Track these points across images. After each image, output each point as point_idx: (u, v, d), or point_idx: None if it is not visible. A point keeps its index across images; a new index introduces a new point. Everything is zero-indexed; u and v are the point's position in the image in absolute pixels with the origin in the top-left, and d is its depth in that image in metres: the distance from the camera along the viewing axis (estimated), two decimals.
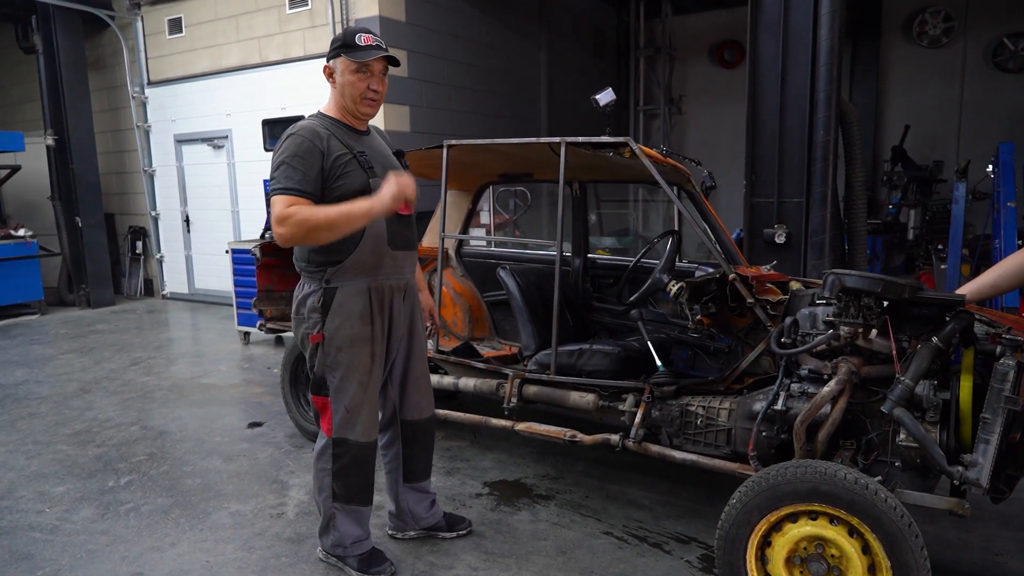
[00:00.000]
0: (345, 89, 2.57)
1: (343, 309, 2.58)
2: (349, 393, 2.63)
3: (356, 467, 2.71)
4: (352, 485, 2.72)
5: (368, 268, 2.61)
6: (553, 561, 2.96)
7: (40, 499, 3.62)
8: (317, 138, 2.49)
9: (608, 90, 3.40)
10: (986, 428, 2.24)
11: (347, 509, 2.76)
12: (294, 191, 2.42)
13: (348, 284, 2.59)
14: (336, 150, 2.52)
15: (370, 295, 2.62)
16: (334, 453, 2.68)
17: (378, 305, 2.65)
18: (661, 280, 3.32)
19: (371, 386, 2.68)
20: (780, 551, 2.32)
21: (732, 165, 9.51)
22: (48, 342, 7.43)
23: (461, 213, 4.83)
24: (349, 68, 2.54)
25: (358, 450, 2.69)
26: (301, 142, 2.48)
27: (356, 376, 2.62)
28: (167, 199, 9.90)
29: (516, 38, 10.08)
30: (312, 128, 2.52)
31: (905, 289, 2.41)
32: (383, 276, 2.65)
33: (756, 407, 2.82)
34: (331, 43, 2.61)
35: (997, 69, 10.43)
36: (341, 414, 2.65)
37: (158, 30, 9.40)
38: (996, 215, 5.80)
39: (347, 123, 2.63)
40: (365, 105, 2.60)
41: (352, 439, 2.67)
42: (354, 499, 2.75)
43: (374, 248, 2.60)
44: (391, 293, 2.69)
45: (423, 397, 2.95)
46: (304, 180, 2.44)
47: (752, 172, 4.81)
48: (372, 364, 2.66)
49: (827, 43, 4.48)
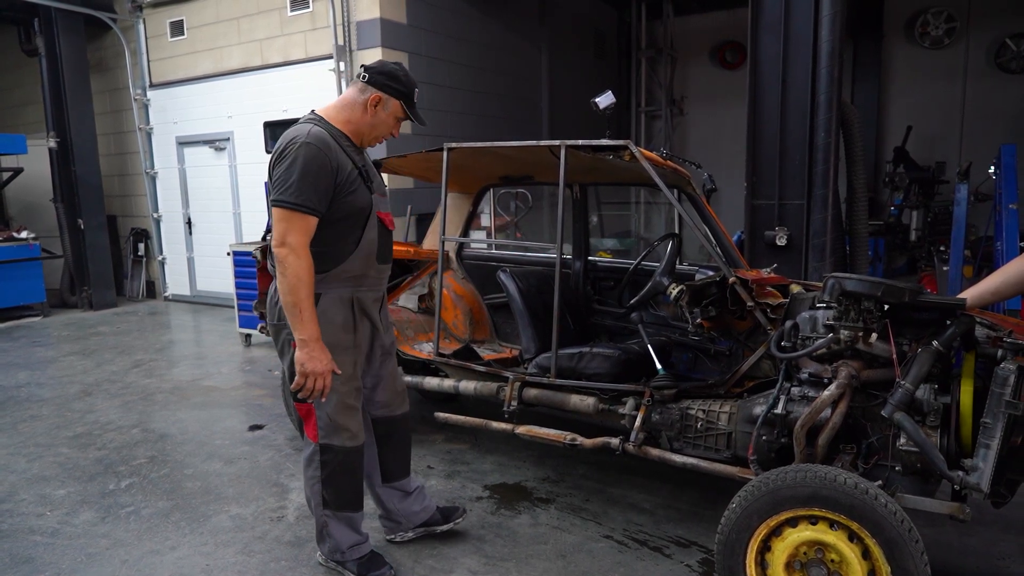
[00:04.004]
0: (378, 124, 2.61)
1: (326, 316, 2.56)
2: (332, 400, 2.62)
3: (345, 472, 2.70)
4: (342, 491, 2.72)
5: (354, 279, 2.62)
6: (553, 565, 2.95)
7: (41, 502, 3.62)
8: (329, 150, 2.45)
9: (608, 93, 3.40)
10: (987, 432, 2.23)
11: (339, 516, 2.75)
12: (307, 209, 2.39)
13: (332, 292, 2.58)
14: (345, 165, 2.50)
15: (352, 305, 2.64)
16: (322, 460, 2.68)
17: (360, 314, 2.67)
18: (661, 283, 3.32)
19: (351, 395, 2.66)
20: (780, 556, 2.32)
21: (733, 166, 9.49)
22: (50, 344, 7.44)
23: (462, 216, 4.83)
24: (396, 114, 2.63)
25: (345, 455, 2.68)
26: (316, 154, 2.41)
27: (338, 383, 2.60)
28: (169, 201, 9.91)
29: (517, 40, 10.08)
30: (324, 139, 2.46)
31: (905, 293, 2.40)
32: (366, 287, 2.68)
33: (756, 411, 2.82)
34: (387, 76, 2.58)
35: (999, 70, 10.42)
36: (325, 421, 2.64)
37: (160, 32, 9.42)
38: (998, 217, 5.78)
39: (351, 138, 2.63)
40: (377, 142, 2.69)
41: (338, 444, 2.66)
42: (345, 505, 2.74)
43: (364, 261, 2.62)
44: (370, 304, 2.71)
45: (395, 395, 2.94)
46: (317, 198, 2.41)
47: (753, 174, 4.80)
48: (353, 371, 2.66)
49: (828, 44, 4.47)
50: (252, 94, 8.62)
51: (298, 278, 2.38)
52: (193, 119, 9.33)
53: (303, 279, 2.39)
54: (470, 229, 4.97)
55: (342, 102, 2.62)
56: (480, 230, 7.83)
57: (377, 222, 2.63)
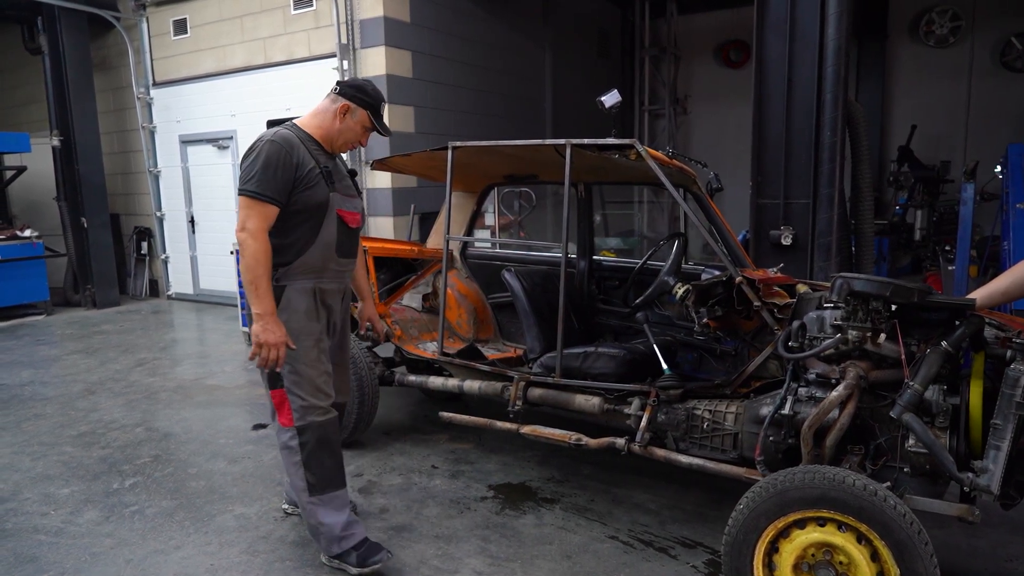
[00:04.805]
0: (345, 131, 2.85)
1: (290, 305, 2.77)
2: (302, 380, 2.79)
3: (323, 447, 2.82)
4: (324, 468, 2.83)
5: (314, 271, 2.82)
6: (558, 565, 2.94)
7: (45, 501, 3.62)
8: (292, 148, 2.70)
9: (614, 91, 3.39)
10: (997, 434, 2.22)
11: (324, 500, 2.84)
12: (267, 198, 2.64)
13: (295, 283, 2.78)
14: (307, 163, 2.73)
15: (314, 295, 2.83)
16: (300, 442, 2.81)
17: (321, 303, 2.86)
18: (667, 283, 3.30)
19: (320, 377, 2.83)
20: (788, 557, 2.30)
21: (736, 166, 9.49)
22: (54, 343, 7.44)
23: (466, 215, 4.81)
24: (363, 123, 2.86)
25: (321, 428, 2.81)
26: (279, 150, 2.67)
27: (304, 366, 2.78)
28: (172, 200, 9.91)
29: (521, 39, 10.06)
30: (288, 138, 2.73)
31: (914, 293, 2.38)
32: (327, 279, 2.87)
33: (763, 411, 2.80)
34: (355, 88, 2.85)
35: (1005, 69, 10.38)
36: (299, 404, 2.79)
37: (163, 31, 9.41)
38: (1005, 217, 5.76)
39: (321, 144, 2.86)
40: (346, 148, 2.94)
41: (313, 420, 2.80)
42: (328, 484, 2.84)
43: (322, 254, 2.81)
44: (332, 295, 2.91)
45: (343, 383, 3.16)
46: (277, 189, 2.66)
47: (758, 173, 4.78)
48: (319, 354, 2.83)
49: (834, 43, 4.45)
50: (255, 92, 8.61)
51: (255, 259, 2.62)
52: (196, 118, 9.32)
53: (260, 260, 2.63)
54: (474, 228, 4.95)
55: (315, 110, 2.88)
56: (484, 229, 7.82)
57: (337, 219, 2.82)
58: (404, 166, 4.64)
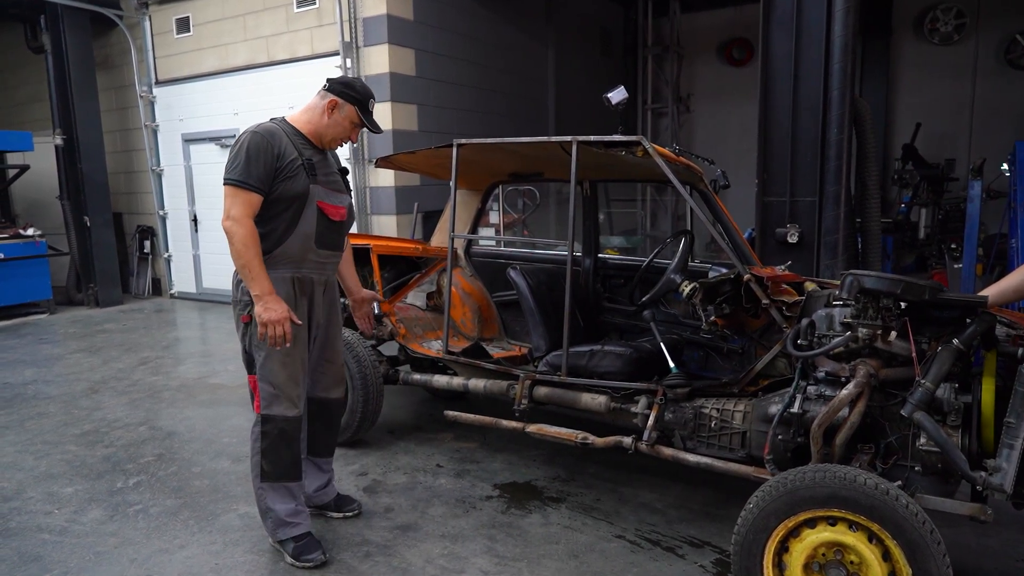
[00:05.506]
0: (333, 127, 2.89)
1: None
2: (273, 370, 2.83)
3: (283, 441, 2.87)
4: (280, 461, 2.88)
5: (294, 260, 2.86)
6: (565, 565, 2.93)
7: (49, 500, 3.60)
8: (274, 139, 2.76)
9: (620, 88, 3.37)
10: (1010, 432, 2.19)
11: (276, 486, 2.90)
12: (249, 186, 2.70)
13: (274, 272, 2.81)
14: (289, 154, 2.78)
15: (293, 284, 2.87)
16: (262, 431, 2.86)
17: (300, 293, 2.90)
18: (674, 280, 3.28)
19: (292, 365, 2.85)
20: (798, 557, 2.28)
21: (740, 164, 9.45)
22: (57, 341, 7.44)
23: (470, 212, 4.80)
24: (352, 119, 2.90)
25: (284, 423, 2.86)
26: (260, 141, 2.74)
27: (278, 355, 2.81)
28: (175, 198, 9.90)
29: (524, 37, 10.04)
30: (271, 130, 2.80)
31: (925, 290, 2.36)
32: (306, 269, 2.91)
33: (772, 410, 2.78)
34: (344, 84, 2.89)
35: (1009, 66, 10.33)
36: (268, 391, 2.84)
37: (166, 29, 9.40)
38: (1012, 215, 5.72)
39: (309, 138, 2.90)
40: (335, 144, 2.97)
41: (277, 413, 2.85)
42: (282, 476, 2.90)
43: (302, 244, 2.86)
44: (312, 285, 2.94)
45: (332, 380, 3.18)
46: (258, 177, 2.72)
47: (764, 171, 4.75)
48: (294, 344, 2.82)
49: (841, 39, 4.42)
50: (258, 91, 8.59)
51: (244, 244, 2.69)
52: (199, 116, 9.31)
53: (248, 244, 2.69)
54: (479, 226, 4.93)
55: (306, 107, 2.94)
56: (488, 227, 7.80)
57: (317, 210, 2.86)
58: (408, 164, 4.62)
